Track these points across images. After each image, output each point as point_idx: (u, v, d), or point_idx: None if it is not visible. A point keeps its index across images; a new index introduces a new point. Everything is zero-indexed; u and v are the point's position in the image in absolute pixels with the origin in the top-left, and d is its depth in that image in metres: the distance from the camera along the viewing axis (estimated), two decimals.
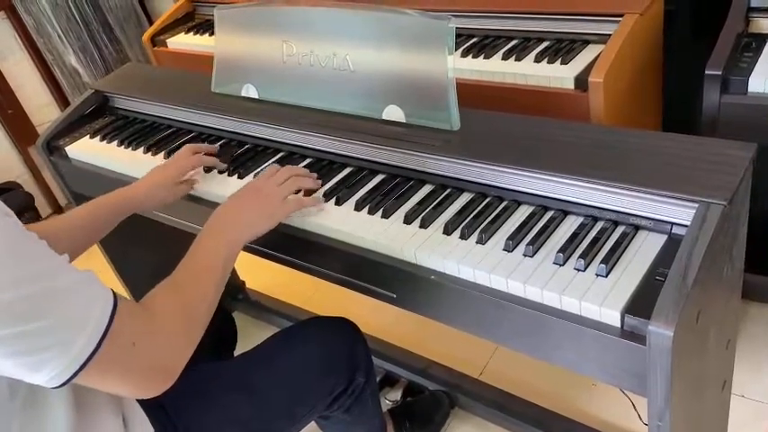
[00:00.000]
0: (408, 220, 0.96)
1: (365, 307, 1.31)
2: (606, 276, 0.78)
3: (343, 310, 1.23)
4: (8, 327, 0.63)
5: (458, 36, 1.49)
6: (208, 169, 1.20)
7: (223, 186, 1.16)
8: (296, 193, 1.03)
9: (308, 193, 1.06)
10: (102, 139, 1.43)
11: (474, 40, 1.51)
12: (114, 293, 0.73)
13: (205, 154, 1.19)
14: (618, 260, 0.80)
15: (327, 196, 1.05)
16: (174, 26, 2.11)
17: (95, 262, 1.11)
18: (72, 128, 1.50)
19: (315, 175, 1.08)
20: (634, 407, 1.41)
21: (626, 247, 0.82)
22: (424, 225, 0.94)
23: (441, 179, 1.02)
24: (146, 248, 1.71)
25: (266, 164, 1.19)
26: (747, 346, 1.50)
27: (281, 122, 1.20)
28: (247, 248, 1.07)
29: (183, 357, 0.79)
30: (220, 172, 1.20)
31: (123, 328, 0.71)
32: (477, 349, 1.69)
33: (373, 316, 1.44)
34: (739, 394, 1.42)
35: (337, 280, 1.03)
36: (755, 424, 1.38)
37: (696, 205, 0.78)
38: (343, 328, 1.16)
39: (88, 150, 1.42)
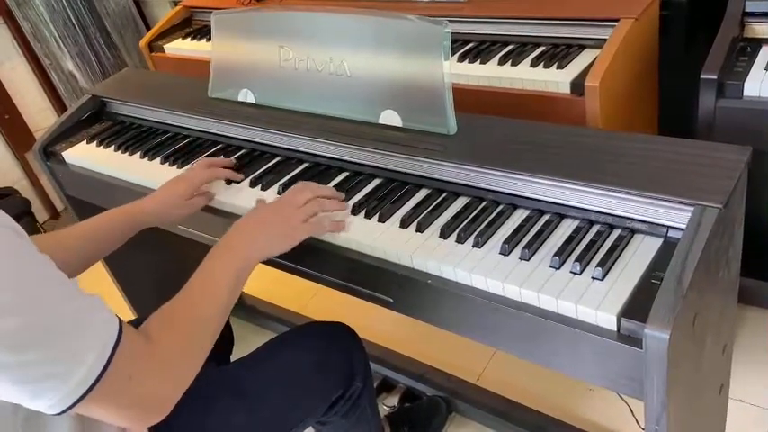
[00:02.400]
0: (405, 224, 0.96)
1: (362, 312, 1.31)
2: (602, 280, 0.78)
3: (340, 315, 1.22)
4: (8, 354, 0.62)
5: (454, 41, 1.50)
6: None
7: (221, 192, 1.16)
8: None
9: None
10: (100, 144, 1.43)
11: (470, 45, 1.51)
12: (120, 323, 0.71)
13: (222, 167, 1.17)
14: (614, 264, 0.80)
15: None
16: (171, 32, 2.11)
17: (94, 270, 1.10)
18: (69, 133, 1.49)
19: (342, 195, 1.03)
20: (631, 411, 1.41)
21: (622, 251, 0.82)
22: (420, 229, 0.94)
23: (437, 183, 1.02)
24: (145, 255, 1.70)
25: (261, 169, 1.19)
26: (746, 351, 1.50)
27: (278, 127, 1.20)
28: None
29: (180, 390, 0.77)
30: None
31: (124, 362, 0.70)
32: (475, 355, 1.68)
33: (371, 321, 1.43)
34: (738, 399, 1.42)
35: (334, 284, 1.03)
36: (754, 429, 1.38)
37: (692, 209, 0.78)
38: (340, 333, 1.16)
39: (85, 155, 1.42)
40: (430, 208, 0.98)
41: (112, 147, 1.40)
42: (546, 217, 0.91)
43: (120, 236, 1.08)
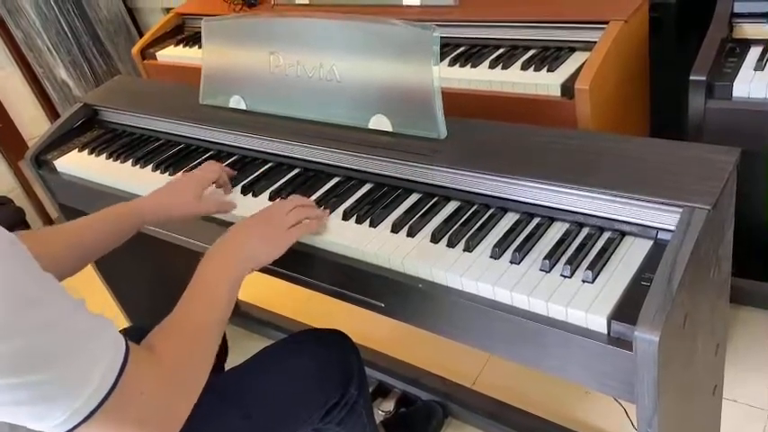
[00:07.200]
0: (396, 228, 0.96)
1: (355, 316, 1.31)
2: (592, 282, 0.78)
3: (333, 320, 1.22)
4: (13, 376, 0.61)
5: (445, 45, 1.50)
6: None
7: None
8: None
9: None
10: (91, 152, 1.43)
11: (461, 49, 1.51)
12: (126, 342, 0.71)
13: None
14: (604, 266, 0.80)
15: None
16: (163, 39, 2.11)
17: (86, 277, 1.10)
18: (61, 141, 1.49)
19: (321, 209, 1.03)
20: (627, 414, 1.40)
21: (612, 253, 0.82)
22: (411, 234, 0.94)
23: (428, 188, 1.02)
24: (137, 261, 1.70)
25: (253, 175, 1.19)
26: (740, 351, 1.50)
27: (269, 133, 1.20)
28: None
29: (189, 401, 0.77)
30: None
31: (132, 379, 0.69)
32: (471, 358, 1.68)
33: (364, 325, 1.43)
34: (732, 399, 1.42)
35: (326, 290, 1.03)
36: (748, 428, 1.38)
37: (681, 210, 0.78)
38: (336, 339, 1.16)
39: (77, 164, 1.42)
40: (420, 212, 0.98)
41: (104, 155, 1.40)
42: (536, 220, 0.91)
43: (116, 236, 1.03)
